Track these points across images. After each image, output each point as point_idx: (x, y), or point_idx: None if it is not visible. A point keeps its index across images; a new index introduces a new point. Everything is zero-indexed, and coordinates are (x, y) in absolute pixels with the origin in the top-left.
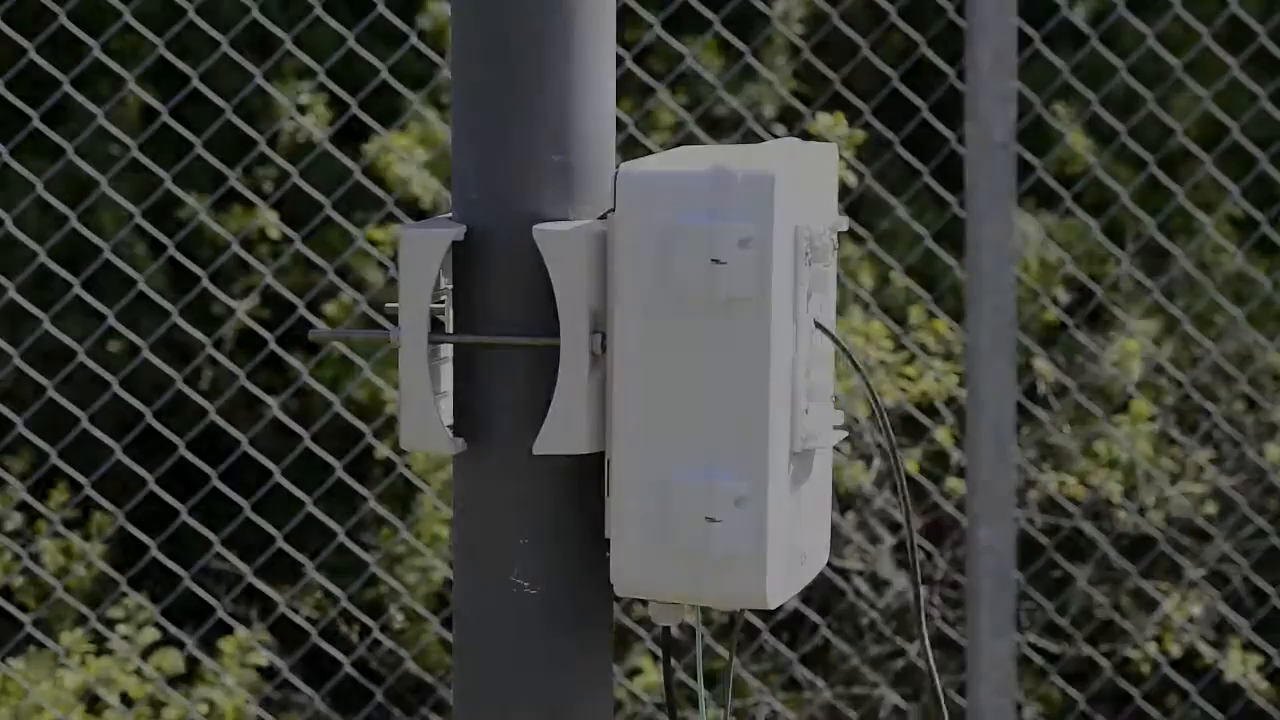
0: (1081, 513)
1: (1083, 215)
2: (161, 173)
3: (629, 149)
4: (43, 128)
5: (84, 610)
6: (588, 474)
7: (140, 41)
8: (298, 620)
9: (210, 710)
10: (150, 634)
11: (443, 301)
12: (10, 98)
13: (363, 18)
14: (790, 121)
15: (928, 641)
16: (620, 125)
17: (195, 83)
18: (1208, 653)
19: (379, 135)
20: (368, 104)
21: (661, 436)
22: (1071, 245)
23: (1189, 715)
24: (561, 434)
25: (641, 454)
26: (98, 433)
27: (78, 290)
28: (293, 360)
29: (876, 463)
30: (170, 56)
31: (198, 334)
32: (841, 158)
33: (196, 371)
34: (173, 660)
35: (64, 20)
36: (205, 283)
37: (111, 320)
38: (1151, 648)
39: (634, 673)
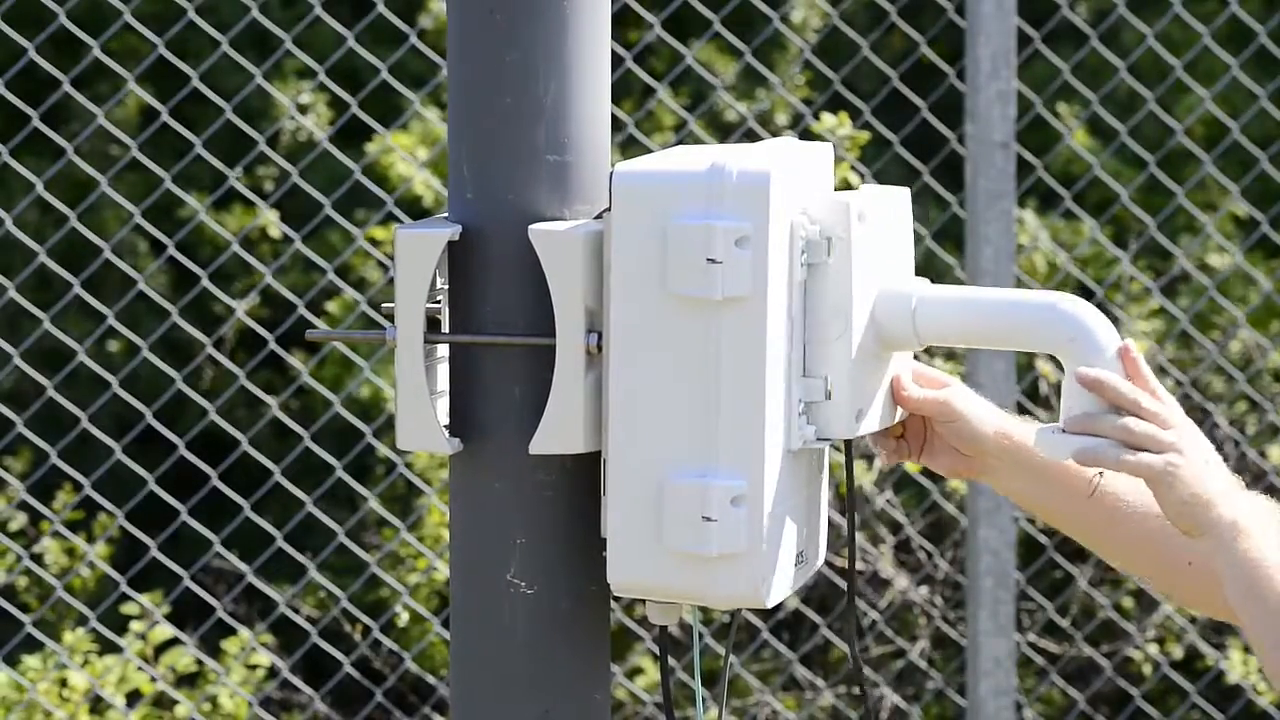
0: None
1: (1084, 215)
2: (161, 172)
3: (629, 149)
4: (43, 128)
5: (85, 611)
6: (584, 474)
7: (140, 41)
8: (298, 620)
9: (212, 709)
10: (162, 632)
11: (439, 301)
12: (10, 98)
13: (363, 17)
14: (799, 127)
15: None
16: (620, 125)
17: (195, 82)
18: (1209, 653)
19: (379, 135)
20: (368, 103)
21: (658, 436)
22: (1072, 245)
23: (1189, 716)
24: (557, 434)
25: (638, 453)
26: (98, 433)
27: (78, 290)
28: (293, 360)
29: (877, 462)
30: (170, 56)
31: (198, 334)
32: (846, 159)
33: (196, 371)
34: (184, 659)
35: (64, 20)
36: (205, 282)
37: (111, 320)
38: (1152, 648)
39: (634, 673)
